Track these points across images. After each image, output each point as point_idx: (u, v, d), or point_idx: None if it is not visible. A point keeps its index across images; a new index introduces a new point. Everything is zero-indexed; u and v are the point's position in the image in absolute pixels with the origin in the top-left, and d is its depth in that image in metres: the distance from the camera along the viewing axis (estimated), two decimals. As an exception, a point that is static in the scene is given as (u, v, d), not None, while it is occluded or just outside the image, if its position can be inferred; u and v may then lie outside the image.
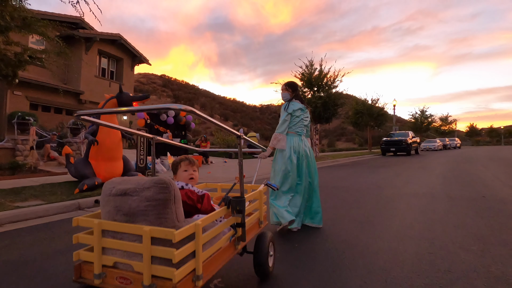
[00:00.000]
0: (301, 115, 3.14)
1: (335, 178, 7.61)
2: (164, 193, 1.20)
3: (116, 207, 1.27)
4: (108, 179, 5.30)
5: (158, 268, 1.13)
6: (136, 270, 1.17)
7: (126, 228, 1.21)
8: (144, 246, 1.13)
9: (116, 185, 1.33)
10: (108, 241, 1.25)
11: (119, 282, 1.19)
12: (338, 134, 57.77)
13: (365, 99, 22.89)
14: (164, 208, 1.21)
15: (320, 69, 14.39)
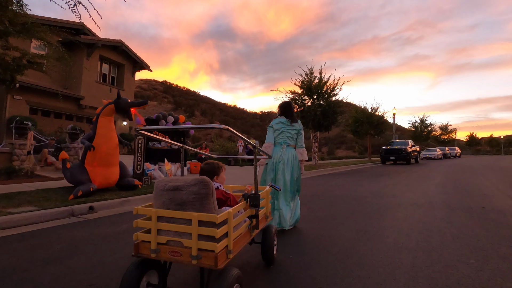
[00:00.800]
0: (282, 127, 3.60)
1: (334, 186, 7.55)
2: (205, 188, 1.62)
3: (170, 199, 1.65)
4: (104, 185, 5.26)
5: (203, 243, 1.51)
6: (185, 245, 1.54)
7: (179, 214, 1.58)
8: (193, 227, 1.51)
9: (167, 182, 1.70)
10: (162, 224, 1.62)
11: (171, 255, 1.57)
12: (338, 142, 57.71)
13: (364, 107, 22.94)
14: (206, 200, 1.62)
15: (320, 77, 14.45)
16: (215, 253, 1.50)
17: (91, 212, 4.43)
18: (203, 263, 1.51)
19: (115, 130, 5.48)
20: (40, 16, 13.77)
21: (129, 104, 5.37)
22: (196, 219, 1.51)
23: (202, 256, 1.51)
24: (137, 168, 6.43)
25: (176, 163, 9.47)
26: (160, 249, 1.60)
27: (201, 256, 1.51)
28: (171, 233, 1.61)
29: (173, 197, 1.64)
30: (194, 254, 1.50)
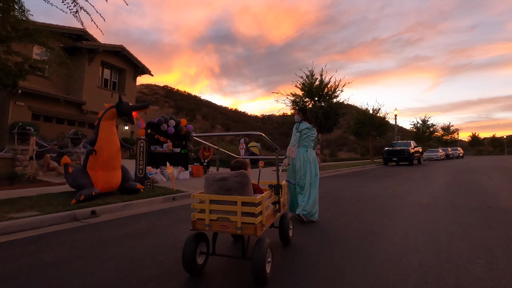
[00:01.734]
0: (307, 132, 4.13)
1: (337, 188, 7.49)
2: (246, 178, 2.17)
3: (220, 187, 2.18)
4: (106, 189, 5.24)
5: (246, 218, 2.06)
6: (232, 220, 2.08)
7: (228, 198, 2.12)
8: (238, 207, 2.07)
9: (216, 175, 2.23)
10: (213, 206, 2.15)
11: (220, 228, 2.13)
12: (340, 144, 57.53)
13: (366, 109, 22.90)
14: (246, 187, 2.17)
15: (321, 79, 14.46)
16: (254, 225, 2.05)
17: (93, 216, 4.41)
18: (246, 232, 2.06)
19: (117, 134, 5.46)
20: (42, 23, 13.87)
21: (130, 108, 5.37)
22: (240, 201, 2.07)
23: (244, 227, 2.06)
24: (139, 171, 6.41)
25: (178, 167, 9.45)
26: (212, 224, 2.14)
27: (244, 228, 2.06)
28: (220, 212, 2.14)
29: (222, 185, 2.18)
30: (239, 226, 2.06)
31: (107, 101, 16.55)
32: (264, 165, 13.08)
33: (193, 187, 7.29)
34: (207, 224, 2.13)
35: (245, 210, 2.07)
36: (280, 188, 2.63)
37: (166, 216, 4.37)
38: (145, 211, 4.80)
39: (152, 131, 9.13)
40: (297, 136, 4.12)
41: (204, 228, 2.15)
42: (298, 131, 4.15)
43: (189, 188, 7.16)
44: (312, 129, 4.18)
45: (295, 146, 4.10)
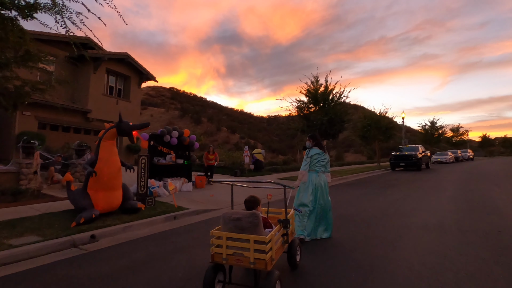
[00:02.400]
0: (318, 158, 4.38)
1: (341, 203, 7.35)
2: (257, 219, 2.49)
3: (235, 226, 2.52)
4: (107, 209, 5.22)
5: (257, 255, 2.37)
6: (246, 255, 2.41)
7: (241, 236, 2.44)
8: (251, 244, 2.39)
9: (232, 214, 2.57)
10: (229, 242, 2.48)
11: (236, 261, 2.45)
12: (346, 145, 56.96)
13: (372, 112, 22.56)
14: (257, 226, 2.49)
15: (326, 85, 14.28)
16: (265, 260, 2.36)
17: (92, 241, 4.38)
18: (257, 267, 2.39)
19: (117, 154, 5.44)
20: (48, 33, 14.04)
21: (130, 127, 5.34)
22: (252, 239, 2.39)
23: (256, 262, 2.38)
24: (140, 188, 6.38)
25: (181, 178, 9.42)
26: (228, 258, 2.47)
27: (256, 262, 2.37)
28: (235, 248, 2.48)
29: (237, 224, 2.51)
30: (251, 261, 2.38)
31: (112, 109, 16.72)
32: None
33: (195, 202, 7.24)
34: (224, 258, 2.49)
35: (256, 247, 2.40)
36: (288, 223, 3.01)
37: (166, 242, 4.31)
38: (145, 234, 4.76)
39: (155, 143, 9.12)
40: (307, 161, 4.37)
41: (222, 261, 2.51)
42: (308, 156, 4.40)
43: (191, 203, 7.11)
44: (322, 154, 4.41)
45: (306, 171, 4.35)
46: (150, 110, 58.47)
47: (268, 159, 30.84)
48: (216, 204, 7.27)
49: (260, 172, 15.13)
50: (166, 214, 5.75)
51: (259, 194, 3.37)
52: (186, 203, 7.15)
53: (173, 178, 9.19)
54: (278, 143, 54.31)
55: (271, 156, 39.90)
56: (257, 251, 2.39)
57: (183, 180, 9.40)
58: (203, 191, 9.15)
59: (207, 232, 4.69)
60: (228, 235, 2.50)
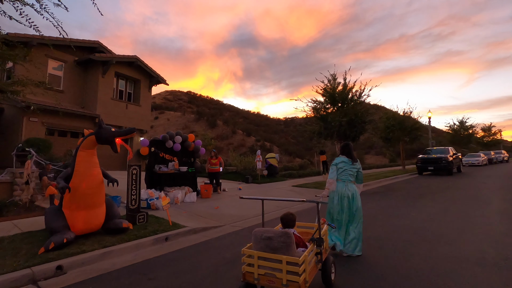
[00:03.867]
0: (344, 166, 4.17)
1: (365, 219, 6.22)
2: (289, 239, 2.48)
3: (266, 245, 2.52)
4: (87, 230, 4.37)
5: (290, 276, 2.35)
6: (278, 277, 2.40)
7: (273, 256, 2.44)
8: (283, 265, 2.37)
9: (263, 233, 2.55)
10: (261, 262, 2.48)
11: (268, 282, 2.46)
12: (366, 147, 54.53)
13: (396, 112, 20.97)
14: (290, 246, 2.48)
15: (344, 83, 13.11)
16: (298, 283, 2.32)
17: (59, 273, 3.60)
18: None
19: (99, 165, 4.67)
20: (56, 37, 13.83)
21: (112, 134, 4.56)
22: (285, 260, 2.35)
23: (289, 284, 2.34)
24: (131, 203, 5.60)
25: (185, 188, 8.63)
26: (260, 278, 2.47)
27: (289, 285, 2.34)
28: (267, 268, 2.46)
29: (268, 244, 2.49)
30: (284, 283, 2.36)
31: (121, 113, 16.32)
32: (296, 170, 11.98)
33: (196, 216, 6.36)
34: (256, 278, 2.46)
35: (289, 269, 2.32)
36: (322, 241, 2.82)
37: (142, 280, 3.44)
38: (125, 263, 3.93)
39: (156, 149, 8.38)
40: (333, 169, 4.24)
41: (254, 281, 2.47)
42: (334, 164, 4.29)
43: (191, 218, 6.25)
44: (349, 162, 4.21)
45: (334, 179, 4.20)
46: (167, 114, 58.98)
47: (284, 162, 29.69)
48: (219, 219, 6.37)
49: (274, 178, 14.13)
50: (157, 235, 4.91)
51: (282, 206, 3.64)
52: (185, 218, 6.30)
53: (175, 188, 8.41)
54: (295, 145, 52.95)
55: (288, 159, 38.76)
56: (290, 272, 2.35)
57: (187, 190, 8.60)
58: (208, 202, 8.30)
59: (199, 264, 3.79)
60: (260, 254, 2.47)
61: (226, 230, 5.62)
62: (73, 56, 14.72)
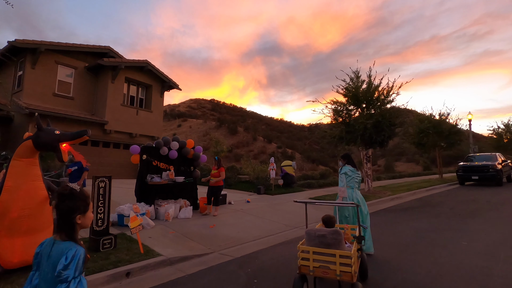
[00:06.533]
0: (351, 174, 4.69)
1: (395, 247, 4.69)
2: (340, 236, 2.90)
3: (320, 242, 2.91)
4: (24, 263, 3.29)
5: (343, 268, 2.71)
6: (331, 268, 2.76)
7: (329, 251, 2.80)
8: (337, 259, 2.74)
9: (316, 231, 2.99)
10: (315, 256, 2.85)
11: (322, 273, 2.80)
12: (396, 153, 50.73)
13: (430, 114, 18.71)
14: (341, 242, 2.88)
15: (369, 81, 11.50)
16: (351, 273, 2.68)
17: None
18: (343, 279, 2.72)
19: (40, 178, 3.66)
20: (66, 43, 13.64)
21: (56, 138, 3.53)
22: (338, 254, 2.73)
23: (342, 274, 2.71)
24: (97, 224, 4.55)
25: (181, 201, 7.53)
26: (314, 270, 2.83)
27: (342, 275, 2.71)
28: (321, 261, 2.82)
29: (322, 240, 2.90)
30: (338, 274, 2.72)
31: (131, 119, 15.75)
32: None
33: (183, 239, 5.15)
34: (311, 270, 2.84)
35: (342, 261, 2.71)
36: (364, 239, 3.37)
37: None
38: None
39: (148, 157, 7.39)
40: (343, 178, 4.64)
41: (309, 273, 2.85)
42: (342, 173, 4.69)
43: (175, 241, 5.06)
44: (355, 171, 4.71)
45: (345, 187, 4.59)
46: (190, 122, 59.42)
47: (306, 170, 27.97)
48: (209, 243, 5.15)
49: (291, 189, 12.70)
50: (117, 268, 3.78)
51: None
52: (168, 241, 5.15)
53: (170, 201, 7.33)
54: (319, 152, 50.72)
55: (310, 167, 36.85)
56: (342, 264, 2.70)
57: (184, 203, 7.50)
58: (206, 218, 7.12)
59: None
60: (315, 249, 2.86)
61: (211, 260, 4.38)
62: (84, 62, 14.46)
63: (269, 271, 3.87)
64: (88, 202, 1.51)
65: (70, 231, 1.42)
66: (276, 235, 5.84)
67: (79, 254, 1.36)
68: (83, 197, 1.48)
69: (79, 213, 1.44)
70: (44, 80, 13.10)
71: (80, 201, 1.46)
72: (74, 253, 1.35)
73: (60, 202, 1.43)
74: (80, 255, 1.36)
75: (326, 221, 3.44)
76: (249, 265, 4.13)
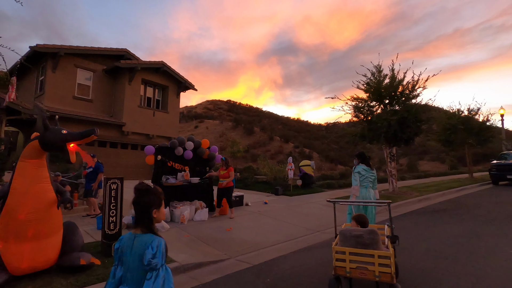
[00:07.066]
0: (365, 174, 4.70)
1: (431, 254, 4.19)
2: (377, 236, 2.82)
3: (357, 242, 2.81)
4: (31, 269, 3.08)
5: (382, 268, 2.63)
6: (370, 269, 2.67)
7: (367, 252, 2.71)
8: (376, 259, 2.66)
9: (352, 231, 2.90)
10: (351, 256, 2.75)
11: (360, 274, 2.72)
12: (419, 152, 48.59)
13: (457, 110, 17.56)
14: (378, 242, 2.81)
15: (392, 75, 10.85)
16: (391, 274, 2.60)
17: None
18: (382, 280, 2.64)
19: (49, 180, 3.50)
20: (84, 47, 13.87)
21: (63, 137, 3.35)
22: (377, 254, 2.65)
23: (381, 275, 2.62)
24: (109, 227, 4.38)
25: (197, 202, 7.31)
26: (351, 271, 2.73)
27: (381, 276, 2.63)
28: (357, 262, 2.73)
29: (359, 240, 2.80)
30: (377, 275, 2.64)
31: (148, 121, 15.86)
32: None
33: (198, 243, 4.86)
34: (348, 271, 2.74)
35: (380, 261, 2.63)
36: (397, 239, 3.07)
37: None
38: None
39: (163, 157, 7.23)
40: (357, 177, 4.69)
41: (346, 274, 2.76)
42: (355, 172, 4.73)
43: (189, 245, 4.80)
44: (369, 170, 4.74)
45: (358, 186, 4.65)
46: (207, 123, 59.90)
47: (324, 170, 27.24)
48: (226, 247, 4.86)
49: (310, 189, 12.24)
50: (127, 276, 3.56)
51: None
52: (182, 245, 4.91)
53: (184, 203, 7.13)
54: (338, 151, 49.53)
55: (329, 166, 35.95)
56: (381, 265, 2.63)
57: (199, 205, 7.28)
58: (222, 220, 6.85)
59: None
60: (351, 250, 2.75)
61: (227, 268, 4.08)
62: (102, 65, 14.68)
63: (289, 281, 3.51)
64: (161, 198, 1.63)
65: (149, 224, 1.55)
66: (297, 239, 5.47)
67: (161, 244, 1.50)
68: (158, 193, 1.61)
69: (155, 208, 1.56)
70: (64, 83, 13.38)
71: (155, 197, 1.58)
72: (157, 243, 1.49)
73: (138, 198, 1.55)
74: (162, 245, 1.50)
75: (360, 220, 3.33)
76: (268, 273, 3.80)
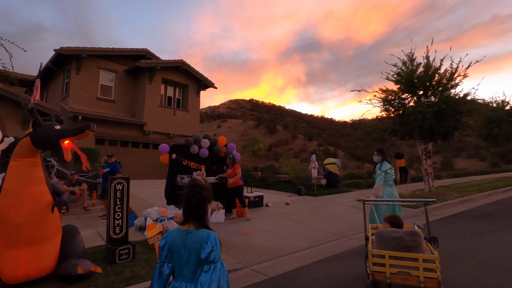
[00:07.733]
0: (390, 172, 4.56)
1: (489, 268, 3.42)
2: (420, 237, 2.65)
3: (397, 244, 2.59)
4: (26, 278, 2.87)
5: (427, 273, 2.43)
6: (413, 274, 2.46)
7: (410, 255, 2.50)
8: (420, 263, 2.45)
9: (391, 233, 2.69)
10: (392, 261, 2.53)
11: (402, 280, 2.50)
12: (455, 149, 45.31)
13: (502, 102, 15.84)
14: (421, 244, 2.63)
15: (427, 63, 9.82)
16: (438, 279, 2.39)
17: None
18: (428, 285, 2.41)
19: (44, 180, 3.20)
20: (105, 48, 14.05)
21: (57, 133, 3.03)
22: (421, 258, 2.44)
23: (426, 281, 2.41)
24: (115, 230, 4.05)
25: (214, 203, 6.91)
26: (392, 276, 2.51)
27: (426, 281, 2.41)
28: (400, 266, 2.51)
29: (400, 243, 2.59)
30: (421, 280, 2.42)
31: (168, 120, 15.77)
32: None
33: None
34: (388, 277, 2.52)
35: (426, 266, 2.42)
36: (437, 240, 2.91)
37: None
38: None
39: (178, 156, 6.91)
40: (382, 176, 4.47)
41: (385, 280, 2.54)
42: (382, 171, 4.49)
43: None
44: (392, 168, 4.60)
45: (382, 185, 4.45)
46: (229, 122, 60.20)
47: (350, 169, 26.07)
48: (241, 255, 4.38)
49: (335, 189, 11.47)
50: (128, 287, 3.19)
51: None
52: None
53: (200, 204, 6.75)
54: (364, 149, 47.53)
55: (355, 165, 34.52)
56: (426, 270, 2.42)
57: (216, 206, 6.87)
58: (239, 223, 6.40)
59: None
60: (392, 253, 2.54)
61: (241, 280, 3.59)
62: (123, 66, 14.82)
63: (313, 300, 2.95)
64: (212, 193, 1.70)
65: (203, 219, 1.60)
66: (321, 246, 4.87)
67: (216, 238, 1.57)
68: (210, 188, 1.69)
69: (209, 202, 1.64)
70: (88, 85, 13.63)
71: (208, 192, 1.65)
72: (214, 237, 1.55)
73: (194, 194, 1.59)
74: (217, 238, 1.56)
75: (394, 222, 3.08)
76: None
